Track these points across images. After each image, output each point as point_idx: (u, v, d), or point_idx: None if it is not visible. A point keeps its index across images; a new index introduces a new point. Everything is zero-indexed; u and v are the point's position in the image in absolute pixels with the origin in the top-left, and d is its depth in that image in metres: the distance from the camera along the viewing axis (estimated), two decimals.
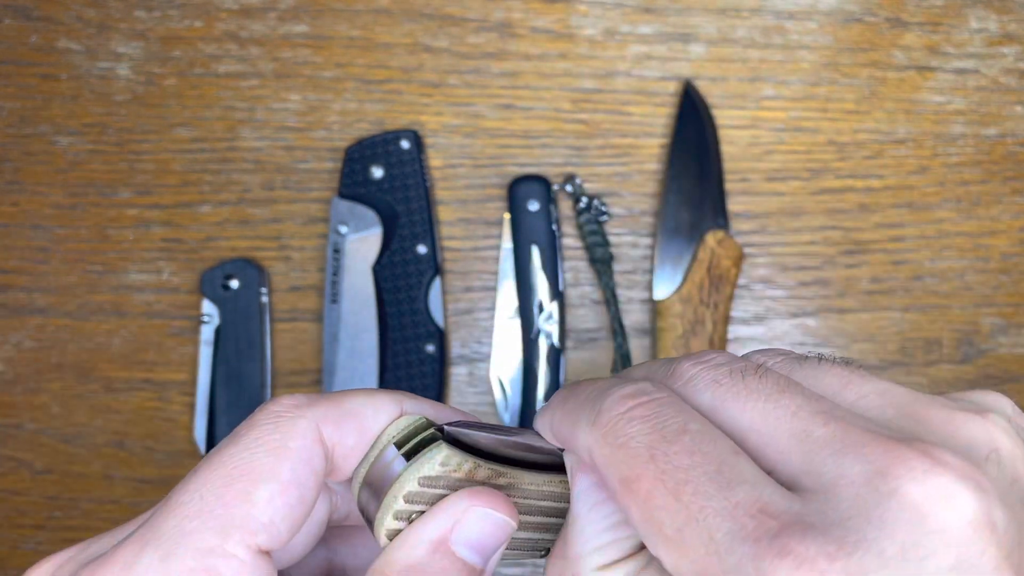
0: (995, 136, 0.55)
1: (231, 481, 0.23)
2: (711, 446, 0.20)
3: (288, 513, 0.23)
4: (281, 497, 0.23)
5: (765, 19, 0.56)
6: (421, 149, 0.55)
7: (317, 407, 0.24)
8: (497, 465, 0.24)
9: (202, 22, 0.56)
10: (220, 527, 0.22)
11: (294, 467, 0.23)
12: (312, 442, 0.24)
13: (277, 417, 0.24)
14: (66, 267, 0.56)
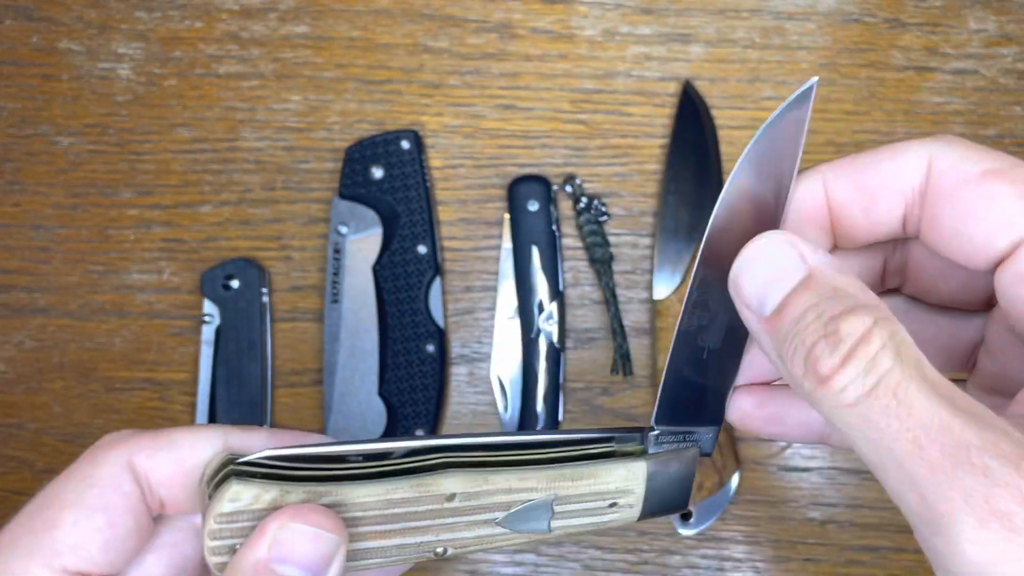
0: (994, 136, 0.55)
1: (40, 510, 0.26)
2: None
3: (99, 536, 0.24)
4: (87, 520, 0.24)
5: (764, 20, 0.56)
6: (421, 149, 0.55)
7: (132, 440, 0.26)
8: (317, 485, 0.24)
9: (203, 23, 0.57)
10: (26, 552, 0.24)
11: (101, 493, 0.25)
12: (120, 469, 0.25)
13: (93, 451, 0.27)
14: (67, 267, 0.56)
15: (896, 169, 0.23)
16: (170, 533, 0.27)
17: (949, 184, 0.22)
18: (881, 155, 0.24)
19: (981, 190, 0.22)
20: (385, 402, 0.53)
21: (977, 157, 0.22)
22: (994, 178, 0.22)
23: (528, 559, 0.54)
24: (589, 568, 0.54)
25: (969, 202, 0.22)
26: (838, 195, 0.25)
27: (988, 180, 0.22)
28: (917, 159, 0.23)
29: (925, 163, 0.23)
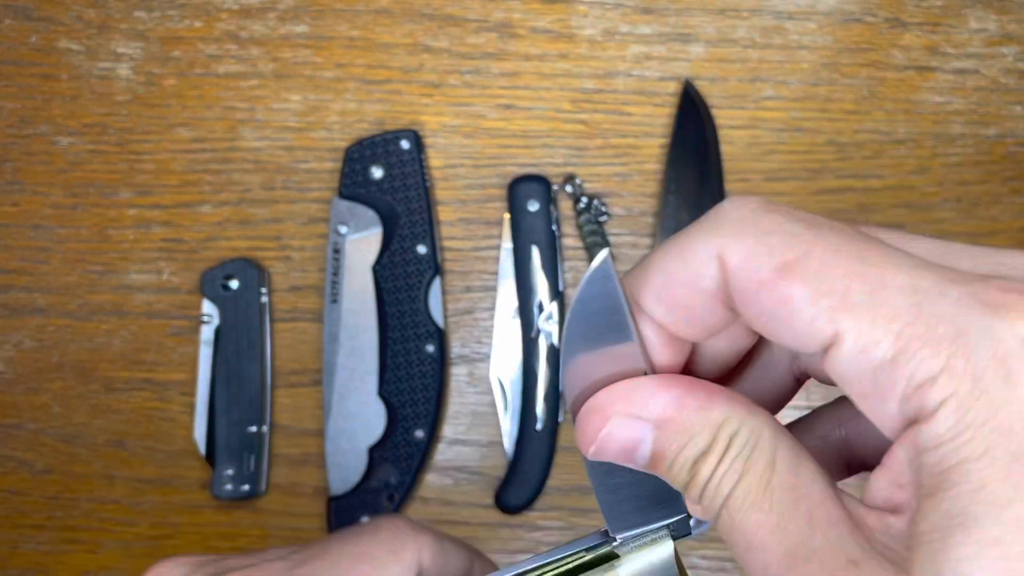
0: (995, 136, 0.55)
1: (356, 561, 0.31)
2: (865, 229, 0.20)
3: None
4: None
5: (765, 19, 0.56)
6: (421, 149, 0.55)
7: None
8: None
9: (202, 22, 0.56)
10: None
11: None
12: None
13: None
14: (66, 267, 0.56)
15: (690, 279, 0.21)
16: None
17: (745, 288, 0.21)
18: (671, 262, 0.22)
19: (777, 295, 0.20)
20: (385, 402, 0.53)
21: (766, 249, 0.20)
22: (787, 279, 0.20)
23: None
24: None
25: (769, 308, 0.20)
26: (657, 317, 0.23)
27: (779, 282, 0.20)
28: (706, 261, 0.21)
29: (715, 265, 0.21)
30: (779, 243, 0.20)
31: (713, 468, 0.21)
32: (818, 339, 0.20)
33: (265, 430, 0.54)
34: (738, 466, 0.20)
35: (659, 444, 0.21)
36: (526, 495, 0.53)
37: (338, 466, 0.53)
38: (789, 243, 0.20)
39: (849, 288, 0.19)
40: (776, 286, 0.20)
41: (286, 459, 0.55)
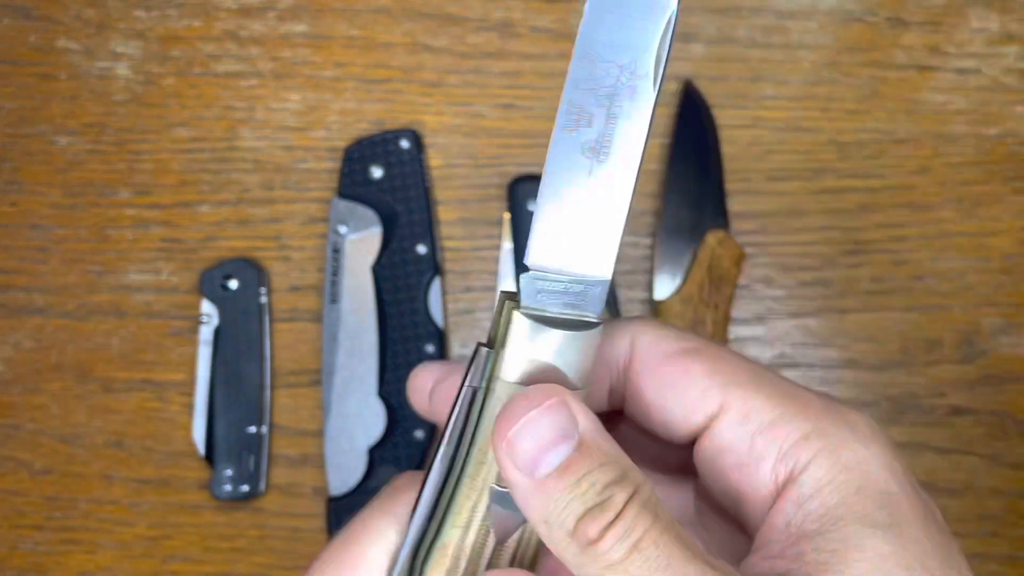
0: (996, 136, 0.55)
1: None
2: None
3: None
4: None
5: (765, 19, 0.56)
6: (421, 149, 0.55)
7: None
8: None
9: (201, 22, 0.56)
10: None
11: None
12: None
13: None
14: (65, 267, 0.56)
15: (603, 352, 0.25)
16: None
17: (649, 362, 0.25)
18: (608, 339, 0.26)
19: (678, 366, 0.24)
20: (385, 402, 0.53)
21: (675, 336, 0.25)
22: (690, 356, 0.24)
23: None
24: None
25: (668, 377, 0.24)
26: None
27: (684, 357, 0.24)
28: (621, 339, 0.25)
29: (627, 343, 0.25)
30: (685, 336, 0.25)
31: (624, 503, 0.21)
32: (707, 407, 0.24)
33: (264, 430, 0.54)
34: (651, 510, 0.22)
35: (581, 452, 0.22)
36: None
37: (338, 466, 0.53)
38: (692, 338, 0.25)
39: (737, 370, 0.24)
40: (679, 360, 0.24)
41: (285, 459, 0.54)
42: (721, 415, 0.24)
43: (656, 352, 0.25)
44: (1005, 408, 0.54)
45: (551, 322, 0.23)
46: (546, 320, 0.23)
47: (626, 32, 0.23)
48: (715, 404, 0.24)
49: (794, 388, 0.24)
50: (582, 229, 0.23)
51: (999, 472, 0.54)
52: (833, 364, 0.54)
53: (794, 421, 0.23)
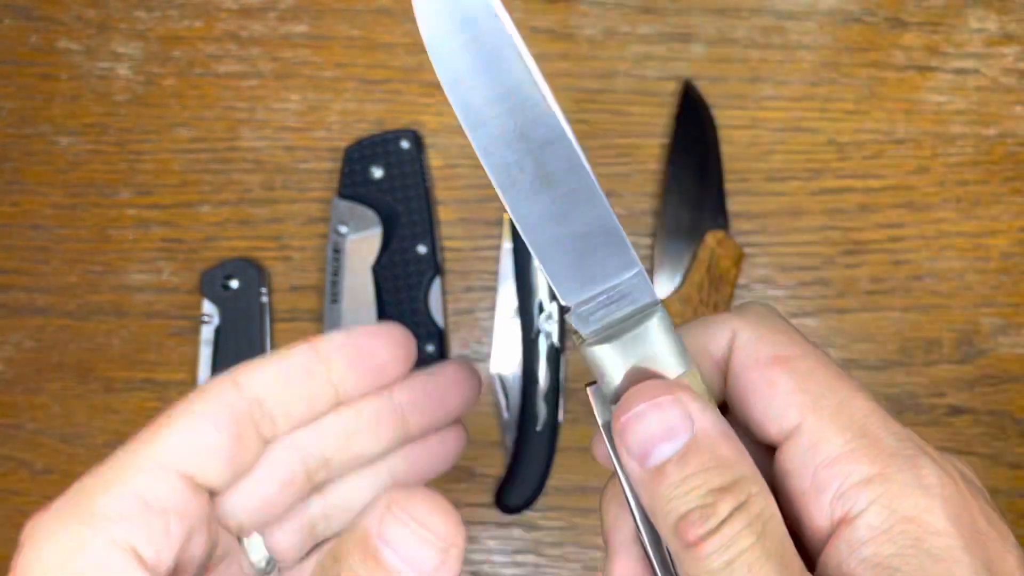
0: (995, 136, 0.55)
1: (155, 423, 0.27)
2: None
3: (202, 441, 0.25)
4: (192, 428, 0.26)
5: (765, 19, 0.56)
6: (421, 149, 0.55)
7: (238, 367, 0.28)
8: None
9: (202, 22, 0.56)
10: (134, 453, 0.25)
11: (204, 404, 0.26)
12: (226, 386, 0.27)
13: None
14: (66, 267, 0.56)
15: (706, 343, 0.26)
16: (276, 452, 0.28)
17: (742, 363, 0.25)
18: (696, 327, 0.26)
19: (765, 375, 0.24)
20: None
21: (771, 339, 0.25)
22: (779, 366, 0.24)
23: (529, 559, 0.54)
24: (590, 569, 0.54)
25: (754, 384, 0.24)
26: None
27: (772, 367, 0.24)
28: (723, 333, 0.25)
29: (728, 337, 0.25)
30: (782, 340, 0.24)
31: (728, 513, 0.21)
32: (784, 424, 0.23)
33: None
34: (756, 528, 0.21)
35: (690, 450, 0.22)
36: (526, 495, 0.53)
37: None
38: (789, 344, 0.24)
39: (822, 394, 0.23)
40: (768, 369, 0.24)
41: None
42: (794, 436, 0.23)
43: (750, 354, 0.25)
44: (1004, 408, 0.54)
45: (619, 331, 0.24)
46: (613, 333, 0.24)
47: (492, 80, 0.24)
48: (791, 423, 0.23)
49: (875, 421, 0.23)
50: (583, 248, 0.24)
51: (998, 472, 0.54)
52: None
53: (860, 461, 0.23)
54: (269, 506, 0.28)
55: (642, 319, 0.24)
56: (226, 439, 0.26)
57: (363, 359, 0.28)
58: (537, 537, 0.54)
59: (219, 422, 0.26)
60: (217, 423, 0.26)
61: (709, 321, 0.26)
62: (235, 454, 0.26)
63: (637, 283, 0.24)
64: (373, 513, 0.23)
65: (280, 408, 0.27)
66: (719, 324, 0.25)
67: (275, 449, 0.28)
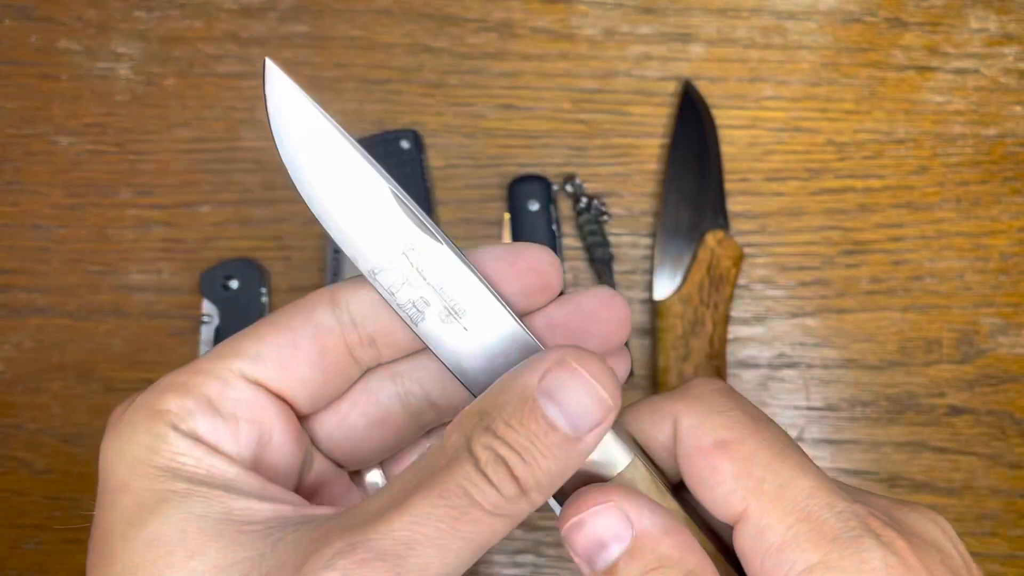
0: (995, 136, 0.55)
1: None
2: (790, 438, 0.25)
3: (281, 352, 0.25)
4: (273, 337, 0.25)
5: (765, 19, 0.56)
6: (421, 149, 0.55)
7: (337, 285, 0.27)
8: None
9: (202, 22, 0.56)
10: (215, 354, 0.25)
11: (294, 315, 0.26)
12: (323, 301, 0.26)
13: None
14: (66, 267, 0.56)
15: (651, 430, 0.26)
16: (371, 382, 0.27)
17: (686, 450, 0.25)
18: (641, 413, 0.26)
19: (708, 461, 0.24)
20: None
21: (712, 423, 0.24)
22: (721, 452, 0.24)
23: (528, 560, 0.54)
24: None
25: (699, 471, 0.24)
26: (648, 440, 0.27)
27: (714, 453, 0.24)
28: (666, 421, 0.25)
29: (670, 426, 0.25)
30: (723, 423, 0.24)
31: None
32: (731, 511, 0.24)
33: None
34: None
35: (634, 552, 0.23)
36: None
37: None
38: (731, 426, 0.24)
39: (764, 478, 0.23)
40: (710, 455, 0.24)
41: None
42: (742, 521, 0.24)
43: (692, 441, 0.25)
44: (1004, 408, 0.54)
45: None
46: None
47: (366, 226, 0.24)
48: (737, 509, 0.24)
49: (817, 502, 0.23)
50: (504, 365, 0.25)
51: (998, 472, 0.54)
52: (832, 364, 0.54)
53: (802, 548, 0.23)
54: (359, 440, 0.27)
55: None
56: (309, 357, 0.25)
57: (516, 274, 0.27)
58: (537, 537, 0.54)
59: (303, 338, 0.25)
60: (301, 339, 0.25)
61: (653, 406, 0.26)
62: (318, 375, 0.25)
63: None
64: (534, 369, 0.23)
65: (383, 333, 0.26)
66: (661, 411, 0.25)
67: (371, 379, 0.27)
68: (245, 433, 0.24)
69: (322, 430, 0.27)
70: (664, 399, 0.26)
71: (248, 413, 0.24)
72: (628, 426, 0.26)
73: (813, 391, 0.54)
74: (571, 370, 0.22)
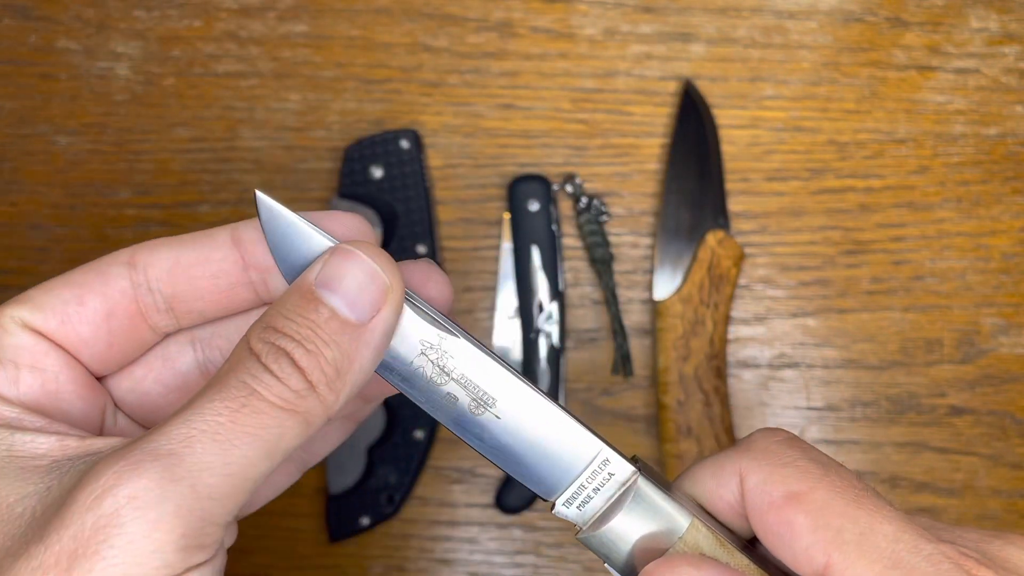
0: (996, 136, 0.55)
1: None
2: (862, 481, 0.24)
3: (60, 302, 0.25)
4: (61, 290, 0.25)
5: (765, 19, 0.56)
6: (421, 149, 0.55)
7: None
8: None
9: (201, 22, 0.56)
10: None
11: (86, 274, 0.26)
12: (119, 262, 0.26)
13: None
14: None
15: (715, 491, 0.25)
16: (169, 347, 0.26)
17: (757, 508, 0.24)
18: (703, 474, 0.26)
19: (781, 517, 0.23)
20: (384, 402, 0.53)
21: (780, 476, 0.24)
22: (794, 505, 0.23)
23: (528, 560, 0.54)
24: (590, 570, 0.53)
25: (773, 528, 0.23)
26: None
27: (786, 508, 0.23)
28: (731, 480, 0.25)
29: (736, 481, 0.25)
30: (791, 474, 0.23)
31: None
32: (813, 566, 0.22)
33: None
34: None
35: None
36: (526, 495, 0.53)
37: (337, 466, 0.53)
38: (800, 477, 0.23)
39: (843, 527, 0.22)
40: (783, 511, 0.23)
41: None
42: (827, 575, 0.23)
43: (762, 498, 0.24)
44: (1005, 408, 0.54)
45: (610, 512, 0.25)
46: (605, 514, 0.25)
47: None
48: (819, 563, 0.23)
49: (904, 547, 0.22)
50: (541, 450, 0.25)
51: (999, 472, 0.54)
52: (833, 364, 0.54)
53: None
54: (156, 406, 0.26)
55: (627, 492, 0.25)
56: (94, 316, 0.25)
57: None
58: (537, 538, 0.54)
59: (91, 296, 0.25)
60: (88, 296, 0.25)
61: (715, 466, 0.25)
62: (103, 335, 0.25)
63: (607, 458, 0.25)
64: (313, 265, 0.22)
65: (180, 300, 0.25)
66: (724, 470, 0.25)
67: (169, 344, 0.26)
68: (26, 379, 0.24)
69: (117, 392, 0.26)
70: (726, 457, 0.25)
71: (29, 360, 0.24)
72: (690, 488, 0.26)
73: (813, 391, 0.54)
74: (346, 254, 0.22)
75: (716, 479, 0.25)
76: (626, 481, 0.25)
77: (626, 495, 0.25)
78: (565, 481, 0.25)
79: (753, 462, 0.24)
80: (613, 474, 0.25)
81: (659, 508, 0.24)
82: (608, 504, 0.25)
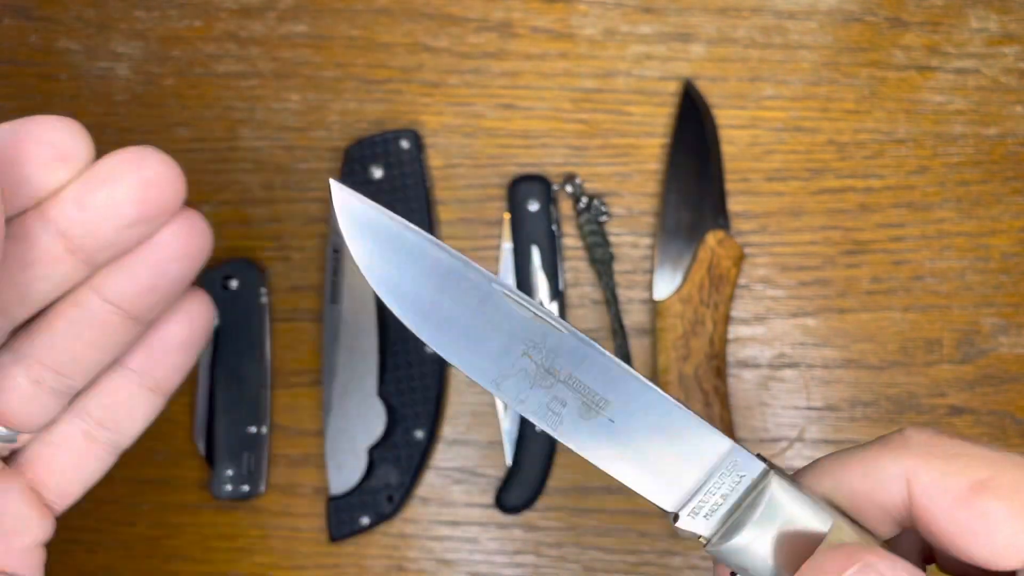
0: (995, 136, 0.55)
1: None
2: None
3: None
4: None
5: (765, 19, 0.56)
6: (421, 149, 0.55)
7: None
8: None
9: (202, 22, 0.56)
10: None
11: None
12: None
13: None
14: None
15: (871, 492, 0.23)
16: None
17: (938, 506, 0.22)
18: (855, 477, 0.23)
19: (973, 510, 0.21)
20: (385, 402, 0.53)
21: (956, 467, 0.22)
22: (984, 494, 0.21)
23: (528, 560, 0.54)
24: (590, 569, 0.54)
25: (965, 524, 0.21)
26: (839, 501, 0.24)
27: (975, 499, 0.21)
28: (893, 479, 0.22)
29: (902, 483, 0.22)
30: (968, 463, 0.21)
31: None
32: (1012, 565, 0.20)
33: (264, 430, 0.54)
34: None
35: None
36: (526, 495, 0.53)
37: (338, 466, 0.53)
38: (978, 463, 0.21)
39: None
40: (973, 502, 0.21)
41: (285, 459, 0.54)
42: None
43: (943, 495, 0.21)
44: (1005, 408, 0.54)
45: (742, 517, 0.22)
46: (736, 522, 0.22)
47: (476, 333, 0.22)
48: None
49: None
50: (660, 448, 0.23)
51: None
52: (833, 364, 0.54)
53: None
54: None
55: (760, 494, 0.22)
56: None
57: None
58: (537, 538, 0.54)
59: None
60: None
61: (868, 465, 0.23)
62: None
63: (736, 459, 0.23)
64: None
65: None
66: (886, 471, 0.22)
67: None
68: None
69: None
70: (879, 455, 0.23)
71: None
72: (831, 489, 0.24)
73: (813, 391, 0.54)
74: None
75: (871, 479, 0.23)
76: (758, 482, 0.23)
77: (759, 498, 0.22)
78: (691, 488, 0.23)
79: (920, 459, 0.22)
80: (744, 475, 0.23)
81: (798, 510, 0.22)
82: (740, 510, 0.22)
